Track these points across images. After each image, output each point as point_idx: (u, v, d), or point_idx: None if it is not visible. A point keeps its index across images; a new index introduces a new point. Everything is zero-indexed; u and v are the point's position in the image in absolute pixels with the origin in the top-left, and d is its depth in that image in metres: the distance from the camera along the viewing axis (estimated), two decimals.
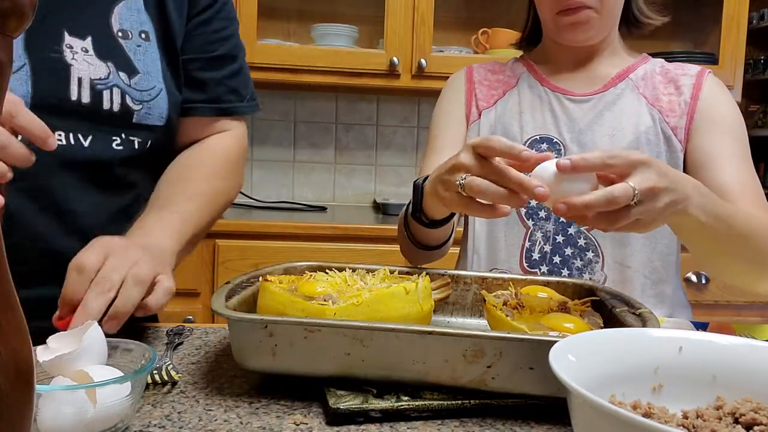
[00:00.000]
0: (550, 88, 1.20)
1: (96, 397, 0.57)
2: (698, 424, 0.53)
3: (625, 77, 1.18)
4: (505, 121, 1.20)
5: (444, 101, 1.31)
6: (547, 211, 1.14)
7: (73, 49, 0.88)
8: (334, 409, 0.64)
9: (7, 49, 0.33)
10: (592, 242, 1.13)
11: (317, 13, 2.48)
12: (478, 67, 1.30)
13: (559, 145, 1.15)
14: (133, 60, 0.93)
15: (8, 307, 0.34)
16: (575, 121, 1.16)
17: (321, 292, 0.76)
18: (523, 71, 1.25)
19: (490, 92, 1.25)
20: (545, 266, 1.13)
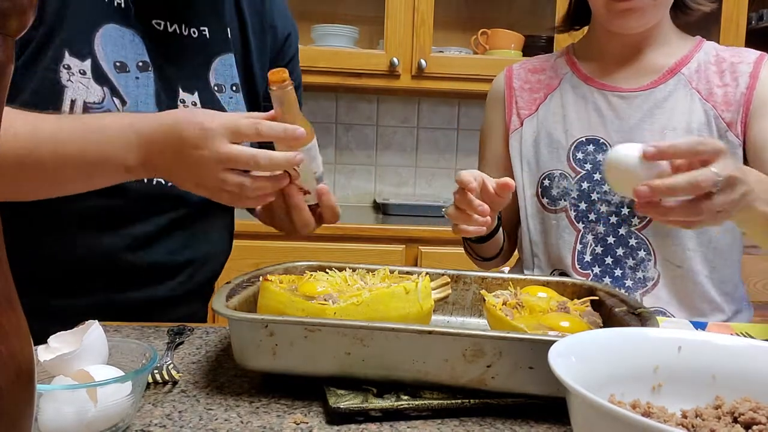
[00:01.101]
0: (595, 87, 1.18)
1: (97, 396, 0.57)
2: (697, 424, 0.53)
3: (677, 71, 1.15)
4: (548, 127, 1.18)
5: (487, 110, 1.30)
6: (597, 213, 1.13)
7: (185, 104, 1.00)
8: (334, 409, 0.64)
9: (7, 49, 0.33)
10: (643, 241, 1.12)
11: (317, 14, 2.48)
12: (518, 68, 1.27)
13: (606, 146, 1.13)
14: (227, 111, 1.03)
15: (9, 307, 0.34)
16: (624, 119, 1.14)
17: (321, 292, 0.76)
18: (566, 71, 1.22)
19: (532, 96, 1.23)
20: (597, 267, 1.13)
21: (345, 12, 2.53)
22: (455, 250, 2.14)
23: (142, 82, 0.95)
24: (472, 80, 2.32)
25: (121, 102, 0.93)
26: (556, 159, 1.16)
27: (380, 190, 2.68)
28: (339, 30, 2.34)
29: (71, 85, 0.89)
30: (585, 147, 1.15)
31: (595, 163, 1.13)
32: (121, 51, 0.93)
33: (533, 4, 2.62)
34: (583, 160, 1.14)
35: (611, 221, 1.13)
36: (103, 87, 0.91)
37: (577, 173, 1.14)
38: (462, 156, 2.69)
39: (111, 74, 0.92)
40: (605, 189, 1.12)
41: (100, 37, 0.91)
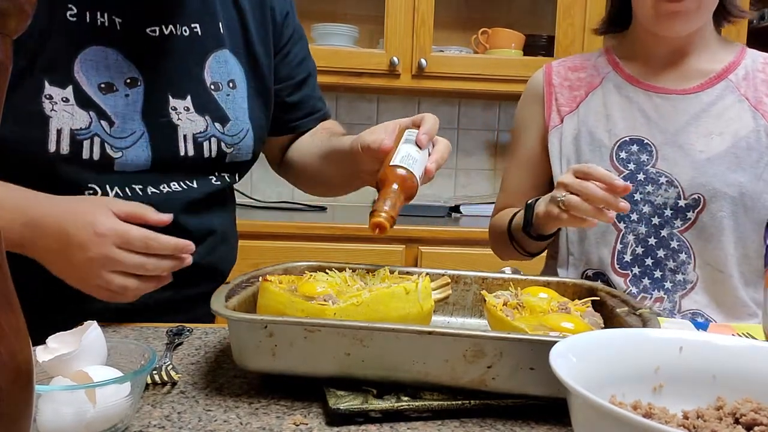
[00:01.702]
0: (640, 87, 1.17)
1: (95, 397, 0.57)
2: (699, 425, 0.53)
3: (724, 77, 1.14)
4: (589, 125, 1.17)
5: (523, 106, 1.29)
6: (640, 213, 1.13)
7: (177, 110, 0.99)
8: (334, 410, 0.64)
9: (6, 48, 0.33)
10: (684, 244, 1.12)
11: (317, 13, 2.48)
12: (557, 66, 1.26)
13: (650, 147, 1.13)
14: (224, 109, 1.03)
15: (8, 308, 0.34)
16: (669, 121, 1.13)
17: (321, 292, 0.76)
18: (609, 71, 1.21)
19: (572, 94, 1.22)
20: (637, 268, 1.13)
21: (345, 11, 2.53)
22: (455, 250, 2.15)
23: (132, 99, 0.95)
24: (472, 80, 2.32)
25: (109, 123, 0.92)
26: (598, 158, 1.15)
27: None
28: (339, 29, 2.34)
29: (55, 114, 0.89)
30: (629, 147, 1.14)
31: (639, 163, 1.13)
32: (105, 72, 0.93)
33: (533, 3, 2.61)
34: (627, 160, 1.13)
35: (653, 222, 1.12)
36: (89, 111, 0.91)
37: (620, 173, 1.13)
38: (462, 156, 2.68)
39: (96, 97, 0.92)
40: (649, 189, 1.12)
41: (80, 62, 0.91)
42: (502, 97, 2.61)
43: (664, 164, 1.12)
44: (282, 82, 1.14)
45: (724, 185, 1.08)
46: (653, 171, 1.12)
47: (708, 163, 1.09)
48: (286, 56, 1.14)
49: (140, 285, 0.83)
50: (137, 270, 0.81)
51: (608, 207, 0.93)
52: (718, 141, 1.10)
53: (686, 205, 1.10)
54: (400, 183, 0.84)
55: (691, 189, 1.10)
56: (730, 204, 1.09)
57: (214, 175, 1.05)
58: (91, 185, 0.93)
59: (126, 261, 0.80)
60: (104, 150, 0.93)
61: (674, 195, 1.11)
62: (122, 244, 0.80)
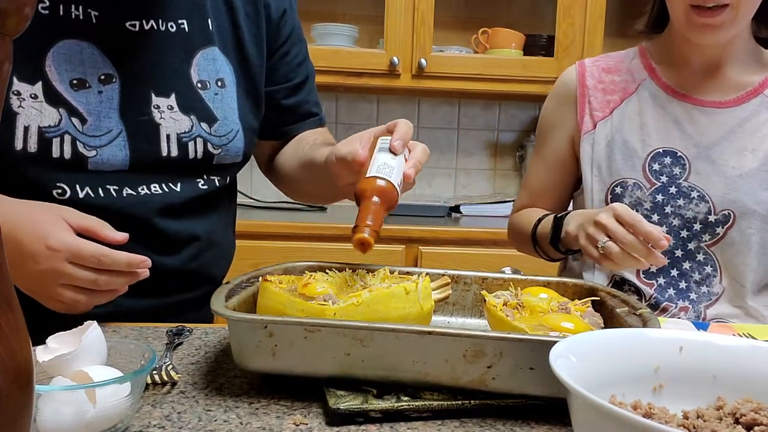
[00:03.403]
0: (677, 98, 1.15)
1: (95, 397, 0.57)
2: (699, 425, 0.53)
3: (761, 92, 1.13)
4: (624, 133, 1.15)
5: (553, 105, 1.26)
6: (669, 226, 1.12)
7: (159, 109, 0.95)
8: (334, 410, 0.64)
9: (5, 48, 0.33)
10: (711, 258, 1.11)
11: (317, 13, 2.48)
12: (591, 65, 1.22)
13: (683, 160, 1.12)
14: (212, 108, 1.00)
15: (8, 308, 0.34)
16: (704, 135, 1.12)
17: (321, 292, 0.76)
18: (644, 77, 1.18)
19: (606, 98, 1.19)
20: (662, 279, 1.13)
21: (345, 11, 2.53)
22: (455, 250, 2.15)
23: (106, 95, 0.92)
24: (472, 79, 2.32)
25: (81, 121, 0.90)
26: (630, 167, 1.14)
27: None
28: (339, 29, 2.34)
29: (23, 111, 0.87)
30: (662, 159, 1.13)
31: (671, 176, 1.12)
32: (79, 67, 0.90)
33: (533, 3, 2.61)
34: (659, 172, 1.12)
35: (681, 235, 1.12)
36: (59, 108, 0.89)
37: (652, 184, 1.12)
38: (462, 156, 2.68)
39: (67, 93, 0.89)
40: (680, 203, 1.11)
41: (52, 56, 0.88)
42: (502, 97, 2.61)
43: (697, 179, 1.11)
44: (278, 84, 1.11)
45: (754, 203, 1.08)
46: (685, 185, 1.11)
47: (740, 179, 1.09)
48: (284, 56, 1.11)
49: (91, 299, 0.81)
50: (88, 285, 0.79)
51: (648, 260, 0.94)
52: (751, 158, 1.10)
53: (716, 221, 1.10)
54: (380, 194, 0.82)
55: (723, 205, 1.09)
56: (760, 221, 1.09)
57: (202, 178, 1.01)
58: (60, 184, 0.90)
59: (77, 276, 0.78)
60: (76, 148, 0.90)
61: (705, 210, 1.10)
62: (74, 259, 0.78)
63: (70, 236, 0.79)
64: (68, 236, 0.78)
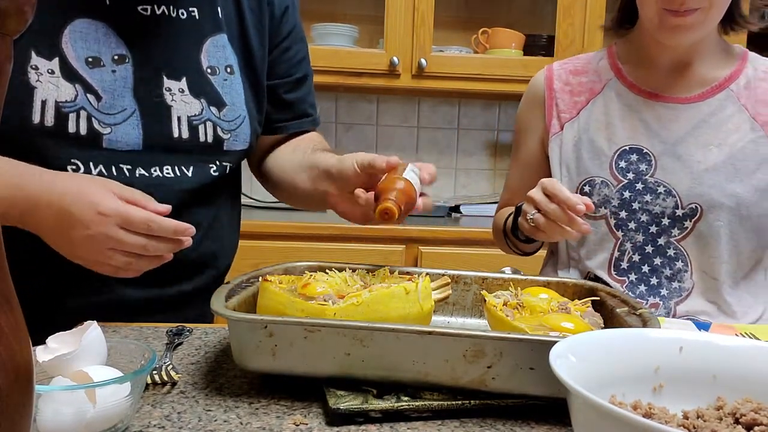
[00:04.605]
0: (642, 96, 1.16)
1: (95, 397, 0.57)
2: (699, 425, 0.53)
3: (726, 86, 1.14)
4: (591, 133, 1.17)
5: (524, 109, 1.29)
6: (638, 222, 1.13)
7: (171, 91, 0.98)
8: (334, 410, 0.64)
9: (6, 48, 0.33)
10: (681, 252, 1.12)
11: (317, 13, 2.48)
12: (558, 69, 1.25)
13: (649, 156, 1.13)
14: (221, 94, 1.02)
15: (8, 308, 0.34)
16: (669, 131, 1.13)
17: (321, 292, 0.76)
18: (611, 77, 1.20)
19: (573, 99, 1.21)
20: (633, 275, 1.14)
21: (345, 11, 2.53)
22: (455, 250, 2.15)
23: (120, 74, 0.93)
24: (472, 80, 2.32)
25: (96, 98, 0.91)
26: (597, 166, 1.15)
27: None
28: (339, 29, 2.34)
29: (40, 85, 0.88)
30: (628, 156, 1.14)
31: (638, 172, 1.13)
32: (94, 46, 0.92)
33: (533, 3, 2.61)
34: (626, 169, 1.13)
35: (651, 231, 1.13)
36: (75, 84, 0.90)
37: (619, 182, 1.13)
38: (462, 156, 2.69)
39: (82, 71, 0.91)
40: (647, 199, 1.12)
41: (68, 33, 0.90)
42: (502, 97, 2.61)
43: (663, 174, 1.12)
44: (280, 78, 1.13)
45: (721, 196, 1.09)
46: (652, 181, 1.12)
47: (706, 173, 1.10)
48: (285, 51, 1.13)
49: (140, 262, 0.83)
50: (138, 250, 0.81)
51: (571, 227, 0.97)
52: (716, 152, 1.11)
53: (684, 215, 1.11)
54: (404, 187, 0.85)
55: (689, 199, 1.10)
56: (727, 214, 1.09)
57: (214, 164, 1.03)
58: (74, 161, 0.91)
59: (127, 240, 0.80)
60: (91, 125, 0.91)
61: (672, 204, 1.11)
62: (124, 224, 0.80)
63: (120, 203, 0.81)
64: (118, 203, 0.81)
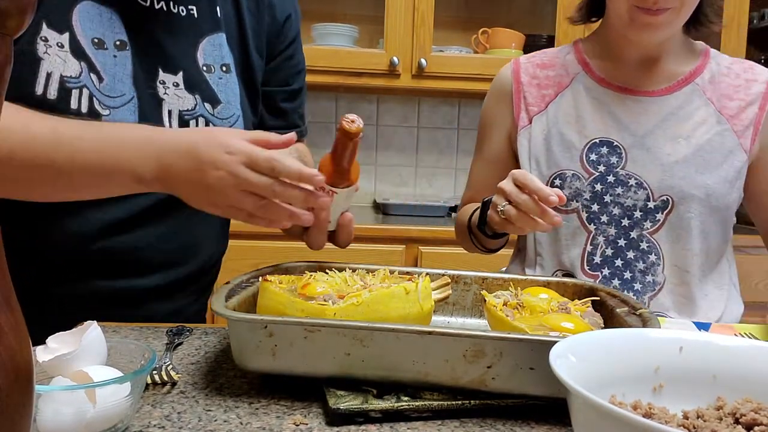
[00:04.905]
0: (610, 89, 1.17)
1: (95, 397, 0.57)
2: (699, 425, 0.53)
3: (691, 80, 1.15)
4: (560, 126, 1.17)
5: (490, 103, 1.28)
6: (610, 215, 1.13)
7: (165, 84, 0.97)
8: (334, 410, 0.64)
9: (6, 49, 0.33)
10: (654, 245, 1.12)
11: (317, 13, 2.48)
12: (525, 62, 1.25)
13: (620, 149, 1.13)
14: (216, 91, 1.01)
15: (7, 308, 0.34)
16: (638, 123, 1.14)
17: (321, 292, 0.76)
18: (578, 71, 1.20)
19: (540, 93, 1.21)
20: (607, 269, 1.13)
21: (345, 11, 2.53)
22: (455, 250, 2.14)
23: (120, 60, 0.94)
24: (472, 79, 2.32)
25: (98, 78, 0.92)
26: (568, 159, 1.15)
27: (380, 190, 2.68)
28: (339, 29, 2.34)
29: (48, 57, 0.88)
30: (599, 149, 1.14)
31: (608, 165, 1.13)
32: (99, 28, 0.92)
33: (533, 3, 2.62)
34: (597, 162, 1.14)
35: (623, 224, 1.13)
36: (81, 62, 0.90)
37: (590, 174, 1.13)
38: (462, 156, 2.69)
39: (89, 50, 0.91)
40: (619, 191, 1.12)
41: (77, 13, 0.90)
42: None
43: (634, 166, 1.12)
44: (279, 85, 1.13)
45: (692, 187, 1.10)
46: (623, 173, 1.13)
47: (676, 165, 1.11)
48: (289, 59, 1.13)
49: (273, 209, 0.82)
50: (265, 192, 0.80)
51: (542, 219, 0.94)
52: (685, 144, 1.12)
53: (655, 207, 1.12)
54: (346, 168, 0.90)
55: (660, 191, 1.11)
56: (698, 205, 1.10)
57: None
58: None
59: (253, 180, 0.79)
60: (92, 104, 0.91)
61: (643, 197, 1.12)
62: (249, 163, 0.79)
63: (246, 143, 0.81)
64: (243, 143, 0.81)
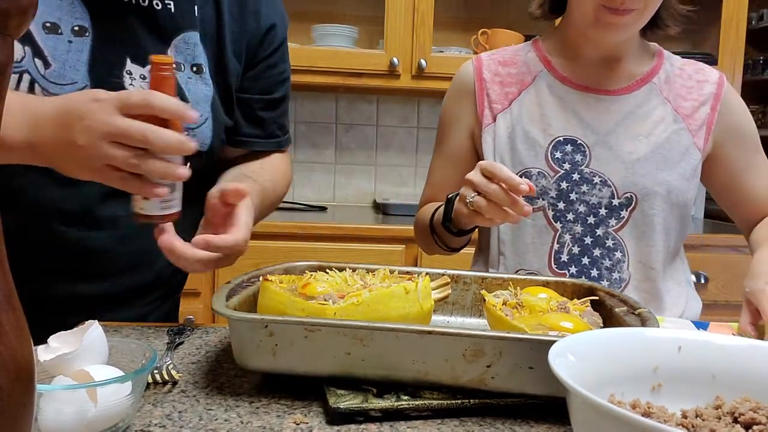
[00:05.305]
0: (572, 87, 1.17)
1: (97, 396, 0.57)
2: (697, 424, 0.53)
3: (648, 80, 1.17)
4: (524, 124, 1.16)
5: (452, 101, 1.26)
6: (575, 213, 1.13)
7: (131, 75, 0.93)
8: (334, 409, 0.64)
9: (7, 49, 0.33)
10: (619, 243, 1.13)
11: (317, 14, 2.48)
12: (487, 59, 1.24)
13: (583, 147, 1.14)
14: (183, 90, 0.97)
15: (9, 307, 0.34)
16: (600, 122, 1.14)
17: (321, 292, 0.76)
18: (541, 69, 1.20)
19: (504, 90, 1.20)
20: (574, 267, 1.13)
21: (345, 12, 2.53)
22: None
23: (75, 47, 0.89)
24: None
25: (44, 64, 0.88)
26: (533, 157, 1.15)
27: (380, 190, 2.68)
28: (339, 30, 2.34)
29: None
30: (563, 147, 1.14)
31: (573, 163, 1.13)
32: (55, 12, 0.88)
33: None
34: (562, 160, 1.14)
35: (589, 221, 1.13)
36: (25, 46, 0.87)
37: (555, 172, 1.13)
38: None
39: (37, 34, 0.87)
40: (584, 189, 1.13)
41: None
42: None
43: (597, 164, 1.13)
44: (260, 93, 1.10)
45: (654, 184, 1.11)
46: (587, 171, 1.13)
47: (638, 163, 1.12)
48: (272, 68, 1.10)
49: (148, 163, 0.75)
50: (140, 140, 0.73)
51: (512, 209, 0.93)
52: (645, 142, 1.13)
53: (620, 204, 1.13)
54: None
55: (624, 188, 1.12)
56: (660, 202, 1.12)
57: None
58: None
59: (124, 125, 0.73)
60: (33, 90, 0.88)
61: (608, 194, 1.12)
62: (121, 107, 0.73)
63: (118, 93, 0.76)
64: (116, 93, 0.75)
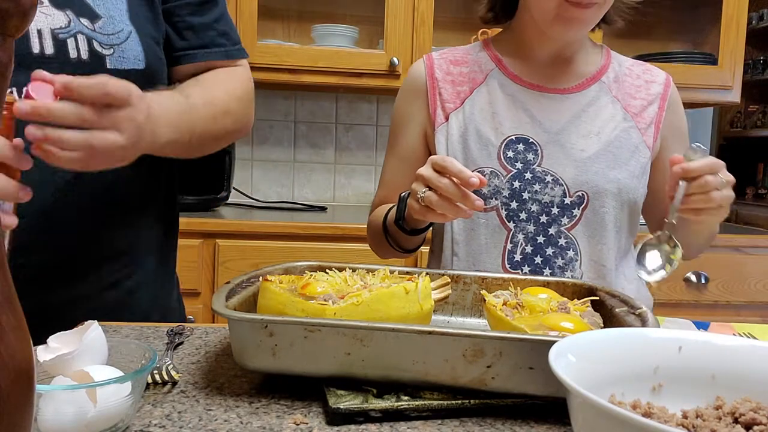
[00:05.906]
0: (524, 86, 1.17)
1: (96, 396, 0.57)
2: (698, 424, 0.53)
3: (598, 79, 1.18)
4: (477, 123, 1.16)
5: (404, 100, 1.25)
6: (528, 212, 1.13)
7: None
8: (334, 409, 0.64)
9: (7, 49, 0.33)
10: (572, 241, 1.13)
11: (317, 14, 2.48)
12: (439, 58, 1.23)
13: (535, 146, 1.14)
14: (92, 5, 0.91)
15: (8, 307, 0.34)
16: (552, 120, 1.15)
17: (321, 292, 0.76)
18: (492, 68, 1.20)
19: (456, 89, 1.20)
20: (527, 267, 1.13)
21: (345, 12, 2.53)
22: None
23: None
24: None
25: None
26: (486, 156, 1.14)
27: None
28: (339, 30, 2.34)
29: None
30: (515, 146, 1.14)
31: (525, 162, 1.13)
32: None
33: None
34: (514, 159, 1.14)
35: (541, 220, 1.13)
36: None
37: (508, 171, 1.13)
38: None
39: None
40: (536, 188, 1.13)
41: None
42: None
43: (549, 163, 1.13)
44: None
45: (605, 182, 1.12)
46: (539, 170, 1.13)
47: (589, 161, 1.13)
48: None
49: None
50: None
51: (464, 204, 0.92)
52: (596, 140, 1.14)
53: (572, 203, 1.13)
54: None
55: (575, 187, 1.13)
56: (611, 200, 1.13)
57: None
58: None
59: None
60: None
61: (560, 193, 1.13)
62: None
63: None
64: None
